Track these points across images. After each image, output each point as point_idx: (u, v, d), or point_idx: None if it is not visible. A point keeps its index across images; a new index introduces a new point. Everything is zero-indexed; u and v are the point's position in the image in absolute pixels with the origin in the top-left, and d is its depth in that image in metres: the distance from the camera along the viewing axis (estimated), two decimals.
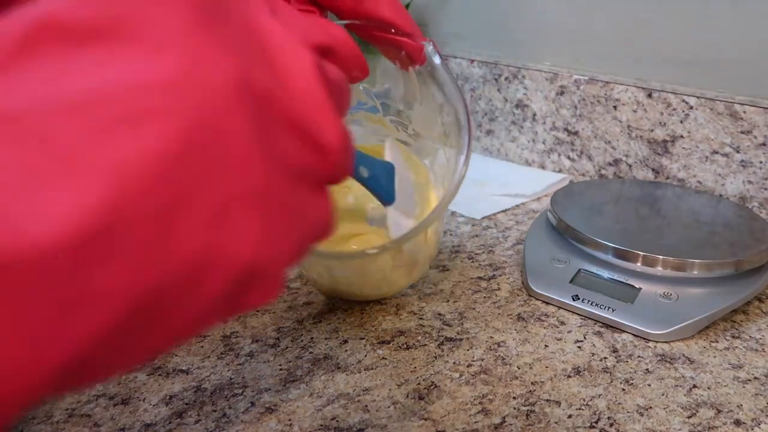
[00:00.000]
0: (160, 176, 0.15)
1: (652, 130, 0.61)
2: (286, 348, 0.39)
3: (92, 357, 0.15)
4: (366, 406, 0.34)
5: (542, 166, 0.70)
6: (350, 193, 0.45)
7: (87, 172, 0.14)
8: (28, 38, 0.15)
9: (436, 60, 0.36)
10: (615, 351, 0.39)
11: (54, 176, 0.14)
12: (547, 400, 0.34)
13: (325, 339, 0.40)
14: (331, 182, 0.21)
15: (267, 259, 0.18)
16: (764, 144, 0.54)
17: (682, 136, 0.59)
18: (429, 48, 0.36)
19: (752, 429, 0.33)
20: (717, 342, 0.40)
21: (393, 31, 0.35)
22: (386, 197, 0.34)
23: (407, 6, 0.74)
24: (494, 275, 0.48)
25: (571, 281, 0.44)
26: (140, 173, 0.15)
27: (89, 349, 0.15)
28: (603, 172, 0.65)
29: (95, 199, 0.14)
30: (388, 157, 0.37)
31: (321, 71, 0.20)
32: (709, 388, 0.36)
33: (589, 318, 0.42)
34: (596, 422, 0.33)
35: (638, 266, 0.43)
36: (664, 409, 0.34)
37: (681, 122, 0.59)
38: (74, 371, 0.15)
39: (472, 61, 0.73)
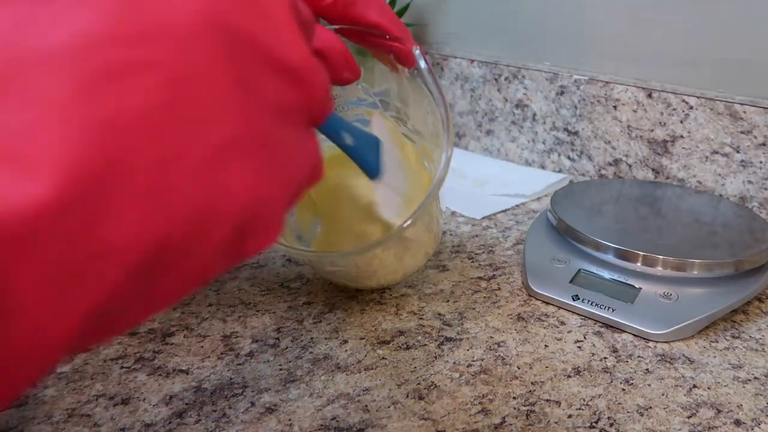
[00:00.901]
0: (145, 129, 0.15)
1: (652, 130, 0.61)
2: (286, 348, 0.39)
3: (110, 308, 0.15)
4: (366, 406, 0.34)
5: (542, 166, 0.70)
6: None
7: (68, 129, 0.14)
8: None
9: (422, 64, 0.37)
10: (615, 351, 0.39)
11: (31, 133, 0.14)
12: (547, 400, 0.34)
13: (325, 339, 0.40)
14: (314, 121, 0.21)
15: (263, 202, 0.18)
16: (764, 144, 0.54)
17: (682, 136, 0.59)
18: (416, 52, 0.37)
19: (752, 429, 0.33)
20: (717, 342, 0.40)
21: (387, 36, 0.36)
22: (373, 170, 0.33)
23: (407, 6, 0.74)
24: (494, 275, 0.48)
25: (571, 281, 0.44)
26: (125, 128, 0.15)
27: (106, 301, 0.15)
28: (603, 172, 0.65)
29: (77, 155, 0.14)
30: (375, 131, 0.37)
31: (294, 8, 0.20)
32: (709, 388, 0.36)
33: (589, 318, 0.42)
34: (596, 422, 0.33)
35: (638, 266, 0.43)
36: (664, 409, 0.34)
37: (681, 122, 0.59)
38: (96, 323, 0.15)
39: (472, 61, 0.73)
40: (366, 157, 0.33)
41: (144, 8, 0.15)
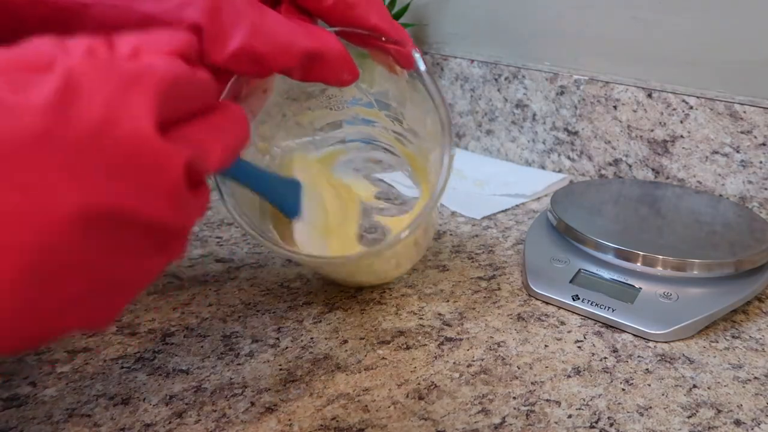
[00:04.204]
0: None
1: (652, 130, 0.61)
2: (286, 348, 0.39)
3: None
4: (366, 406, 0.34)
5: (542, 166, 0.70)
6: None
7: None
8: None
9: (421, 66, 0.38)
10: (615, 351, 0.39)
11: None
12: (547, 400, 0.34)
13: (325, 339, 0.40)
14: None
15: (97, 320, 0.22)
16: (764, 144, 0.54)
17: (682, 136, 0.59)
18: (416, 55, 0.37)
19: (752, 429, 0.33)
20: (717, 342, 0.40)
21: (386, 39, 0.37)
22: (292, 212, 0.38)
23: (407, 6, 0.74)
24: (494, 275, 0.48)
25: (571, 281, 0.44)
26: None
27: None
28: (603, 172, 0.65)
29: None
30: (296, 174, 0.40)
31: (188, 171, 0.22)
32: (709, 388, 0.36)
33: (589, 318, 0.42)
34: (596, 422, 0.33)
35: (638, 266, 0.43)
36: (664, 409, 0.34)
37: (681, 122, 0.59)
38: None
39: (472, 61, 0.73)
40: (284, 202, 0.37)
41: (18, 202, 0.18)
